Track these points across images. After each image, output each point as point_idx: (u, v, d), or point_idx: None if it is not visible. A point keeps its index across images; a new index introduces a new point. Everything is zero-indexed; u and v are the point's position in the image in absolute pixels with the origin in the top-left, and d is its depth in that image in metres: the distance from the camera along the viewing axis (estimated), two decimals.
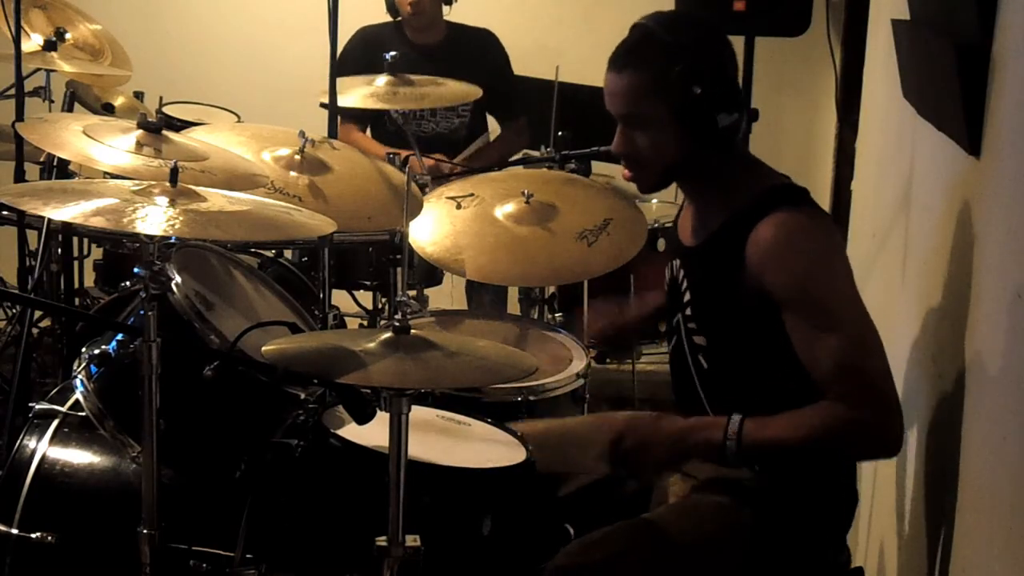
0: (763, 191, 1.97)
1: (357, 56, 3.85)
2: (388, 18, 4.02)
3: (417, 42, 3.95)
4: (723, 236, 1.98)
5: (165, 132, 2.23)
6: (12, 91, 3.05)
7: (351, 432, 2.00)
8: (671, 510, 2.06)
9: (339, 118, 3.73)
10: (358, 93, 3.10)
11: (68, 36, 3.48)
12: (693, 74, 1.92)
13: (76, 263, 3.40)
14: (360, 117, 4.02)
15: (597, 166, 3.44)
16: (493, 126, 4.20)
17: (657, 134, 1.97)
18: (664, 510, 2.07)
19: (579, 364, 2.60)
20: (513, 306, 3.82)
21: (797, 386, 1.88)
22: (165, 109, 3.64)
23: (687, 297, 2.08)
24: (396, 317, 1.82)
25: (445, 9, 3.98)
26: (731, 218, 1.98)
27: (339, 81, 2.93)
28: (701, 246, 2.05)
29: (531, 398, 2.46)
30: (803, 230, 1.92)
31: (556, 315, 3.25)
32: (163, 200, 1.90)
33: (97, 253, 3.52)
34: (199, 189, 1.99)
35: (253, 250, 3.20)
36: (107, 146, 2.14)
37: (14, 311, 3.40)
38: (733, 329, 2.00)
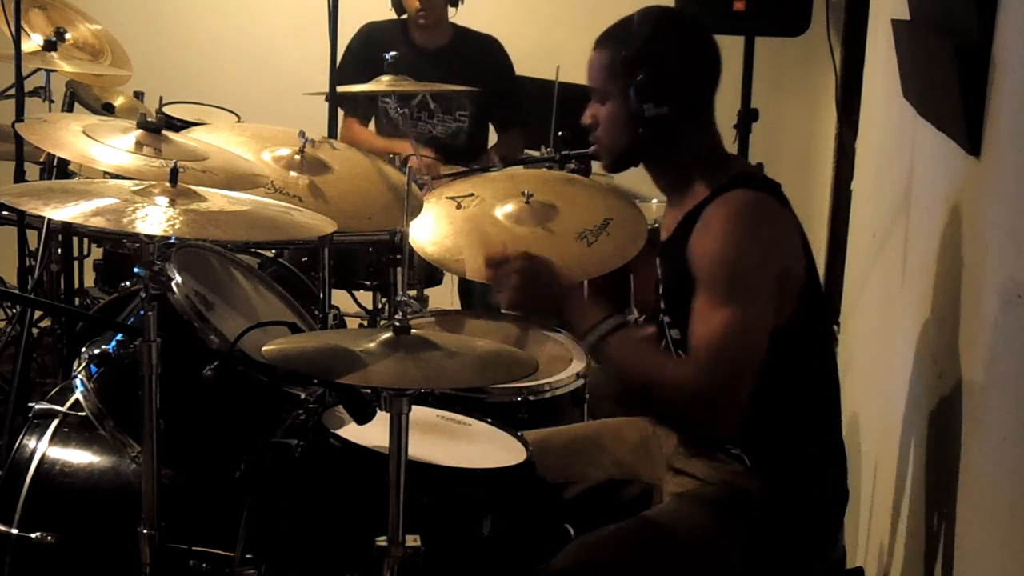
0: (722, 183, 2.00)
1: (361, 52, 3.85)
2: (394, 15, 4.01)
3: (421, 43, 3.94)
4: (682, 228, 2.02)
5: (165, 132, 2.23)
6: (12, 91, 3.05)
7: (351, 432, 2.00)
8: (668, 510, 2.07)
9: (342, 113, 3.74)
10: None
11: (68, 36, 3.48)
12: (638, 61, 2.01)
13: (76, 263, 3.41)
14: (362, 117, 4.02)
15: (597, 166, 3.43)
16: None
17: (610, 112, 2.07)
18: (662, 510, 2.07)
19: (579, 364, 2.60)
20: None
21: (766, 377, 1.89)
22: (165, 109, 3.64)
23: (661, 291, 2.10)
24: (396, 317, 1.82)
25: (451, 11, 3.97)
26: (691, 211, 2.01)
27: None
28: (667, 240, 2.10)
29: (531, 398, 2.46)
30: (740, 207, 1.95)
31: None
32: (163, 200, 1.90)
33: (97, 253, 3.53)
34: (199, 189, 1.99)
35: (253, 250, 3.20)
36: (107, 146, 2.14)
37: (14, 311, 3.40)
38: None
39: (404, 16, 3.98)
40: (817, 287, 2.10)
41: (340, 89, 3.00)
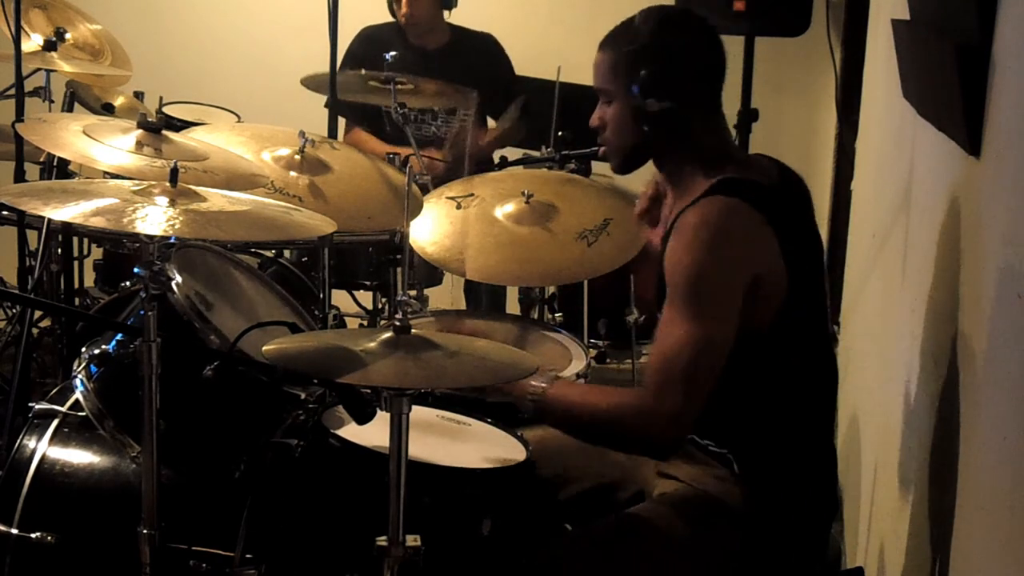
0: (711, 185, 2.00)
1: (360, 55, 3.85)
2: (391, 18, 4.01)
3: (418, 45, 3.94)
4: (670, 230, 2.04)
5: (165, 132, 2.23)
6: (12, 91, 3.05)
7: (351, 432, 2.00)
8: (646, 511, 2.07)
9: (344, 121, 3.74)
10: (358, 89, 3.10)
11: (68, 36, 3.48)
12: (641, 57, 2.02)
13: (76, 263, 3.40)
14: (363, 119, 4.02)
15: (597, 166, 3.44)
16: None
17: (617, 111, 2.08)
18: (639, 510, 2.07)
19: (579, 364, 2.60)
20: (513, 306, 3.83)
21: (751, 382, 1.89)
22: (165, 109, 3.64)
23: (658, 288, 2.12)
24: (396, 317, 1.82)
25: (445, 13, 3.97)
26: (681, 211, 2.02)
27: (338, 81, 2.94)
28: (663, 237, 2.10)
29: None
30: (708, 218, 1.95)
31: (556, 315, 3.25)
32: (163, 200, 1.90)
33: (97, 253, 3.52)
34: (199, 189, 1.99)
35: (253, 250, 3.20)
36: (107, 146, 2.14)
37: (14, 311, 3.40)
38: None
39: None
40: (810, 289, 2.07)
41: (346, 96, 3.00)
